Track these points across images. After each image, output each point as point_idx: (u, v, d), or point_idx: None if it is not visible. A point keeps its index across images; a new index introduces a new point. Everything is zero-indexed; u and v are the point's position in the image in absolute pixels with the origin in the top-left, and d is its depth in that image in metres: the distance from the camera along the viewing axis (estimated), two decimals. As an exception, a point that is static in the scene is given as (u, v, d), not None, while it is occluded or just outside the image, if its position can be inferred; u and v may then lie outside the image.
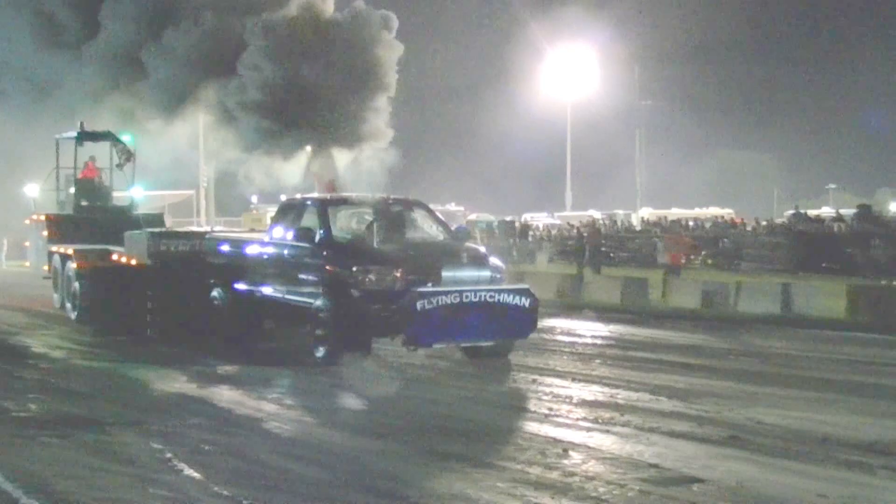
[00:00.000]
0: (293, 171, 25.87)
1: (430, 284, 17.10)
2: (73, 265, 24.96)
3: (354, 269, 17.41)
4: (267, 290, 19.78)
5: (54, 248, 27.16)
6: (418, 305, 16.59)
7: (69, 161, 29.52)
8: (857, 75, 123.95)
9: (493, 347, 18.14)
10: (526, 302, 17.54)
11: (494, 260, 18.95)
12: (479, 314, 17.04)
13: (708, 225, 53.98)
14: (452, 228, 20.61)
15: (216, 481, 10.15)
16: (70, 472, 10.65)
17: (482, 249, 19.40)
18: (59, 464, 11.02)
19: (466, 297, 16.95)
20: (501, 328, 17.52)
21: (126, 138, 28.91)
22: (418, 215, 20.11)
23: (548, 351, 19.10)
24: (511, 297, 17.47)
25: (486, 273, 18.03)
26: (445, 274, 17.44)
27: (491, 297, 17.23)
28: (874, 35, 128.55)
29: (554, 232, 60.74)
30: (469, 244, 19.23)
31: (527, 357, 18.28)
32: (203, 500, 9.63)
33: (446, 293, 16.87)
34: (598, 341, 21.61)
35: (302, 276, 18.72)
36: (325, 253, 18.34)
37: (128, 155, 28.59)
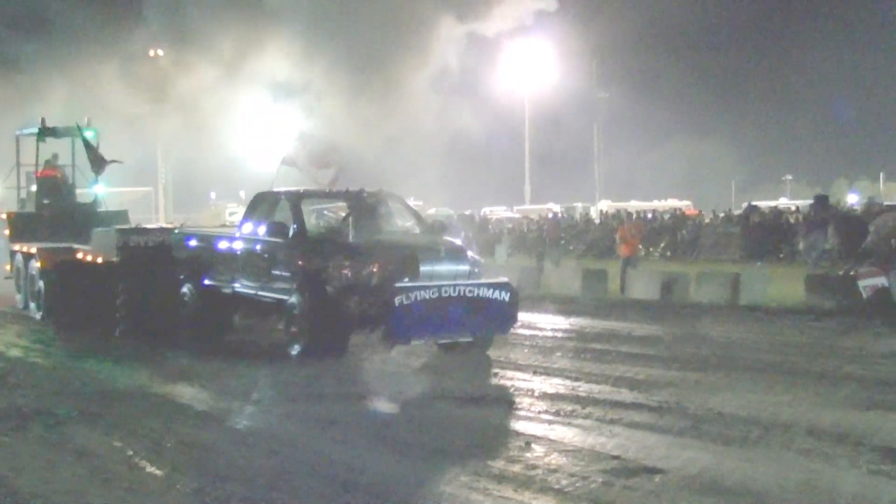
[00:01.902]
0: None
1: (407, 279, 16.90)
2: (36, 264, 24.73)
3: (329, 263, 17.16)
4: (239, 287, 19.44)
5: (17, 247, 26.96)
6: (397, 301, 16.30)
7: (31, 158, 29.28)
8: (814, 65, 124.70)
9: (469, 342, 17.83)
10: (506, 296, 17.33)
11: (473, 254, 18.80)
12: (458, 309, 16.78)
13: (667, 217, 54.26)
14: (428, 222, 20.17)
15: (178, 476, 10.18)
16: (28, 467, 10.66)
17: (459, 243, 19.15)
18: (16, 459, 11.02)
19: (445, 291, 16.69)
20: (481, 323, 17.25)
21: (89, 134, 28.57)
22: (394, 208, 19.78)
23: (508, 344, 19.10)
24: (491, 291, 17.24)
25: (465, 267, 17.80)
26: (423, 268, 17.16)
27: (470, 291, 16.98)
28: (831, 24, 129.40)
29: (510, 226, 60.82)
30: (446, 238, 18.95)
31: (488, 350, 18.20)
32: (165, 494, 9.68)
33: (425, 288, 16.58)
34: (559, 334, 21.71)
35: (275, 272, 18.40)
36: (298, 247, 17.99)
37: (99, 162, 27.98)
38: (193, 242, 21.25)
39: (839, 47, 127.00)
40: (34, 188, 29.04)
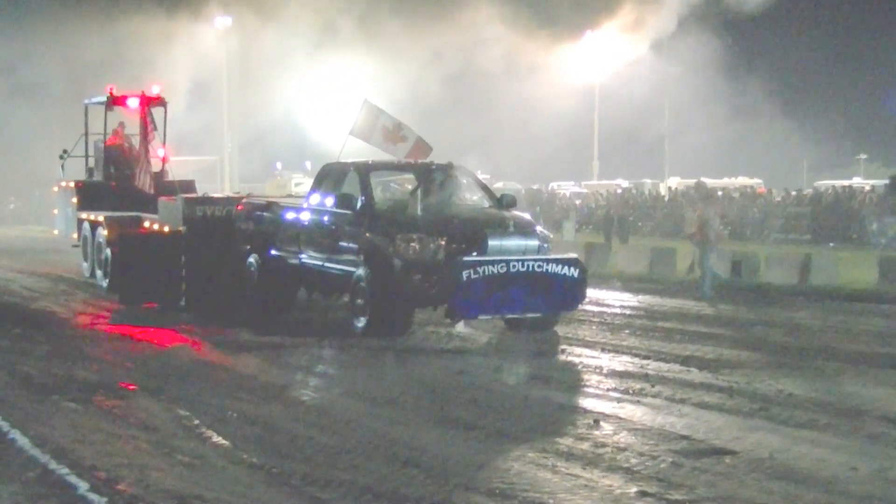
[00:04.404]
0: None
1: (475, 254, 16.69)
2: (103, 233, 24.83)
3: (397, 237, 16.98)
4: (305, 258, 19.28)
5: (84, 216, 27.11)
6: (464, 275, 16.16)
7: (99, 127, 29.33)
8: (890, 44, 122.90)
9: (537, 319, 17.59)
10: (575, 272, 17.07)
11: (542, 229, 18.58)
12: (526, 285, 16.56)
13: (736, 195, 53.72)
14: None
15: (239, 452, 10.14)
16: (90, 439, 10.64)
17: (529, 217, 18.94)
18: (81, 430, 11.02)
19: (513, 266, 16.46)
20: (549, 300, 17.02)
21: (157, 90, 28.50)
22: (463, 182, 19.47)
23: (576, 321, 18.98)
24: (559, 267, 16.98)
25: (534, 242, 17.49)
26: (491, 243, 16.89)
27: (539, 266, 16.75)
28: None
29: (578, 202, 60.50)
30: (515, 212, 18.64)
31: (555, 327, 18.04)
32: (228, 467, 9.67)
33: (493, 263, 16.38)
34: (627, 311, 21.54)
35: (342, 244, 18.22)
36: (366, 220, 17.80)
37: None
38: (260, 213, 21.03)
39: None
40: (102, 157, 29.06)
